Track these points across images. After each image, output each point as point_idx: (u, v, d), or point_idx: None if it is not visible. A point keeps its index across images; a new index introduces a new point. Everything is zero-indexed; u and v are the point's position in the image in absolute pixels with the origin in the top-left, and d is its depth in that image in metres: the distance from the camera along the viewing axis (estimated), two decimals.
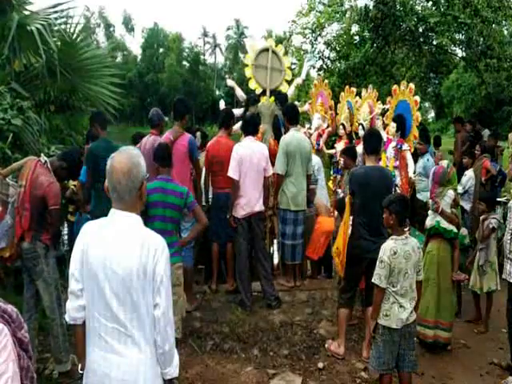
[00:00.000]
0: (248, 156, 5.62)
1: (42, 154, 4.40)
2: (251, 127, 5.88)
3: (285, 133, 6.89)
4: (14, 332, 1.56)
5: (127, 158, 2.27)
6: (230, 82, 8.29)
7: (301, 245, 6.24)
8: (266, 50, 7.73)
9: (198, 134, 6.90)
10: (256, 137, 6.07)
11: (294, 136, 6.12)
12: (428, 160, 7.65)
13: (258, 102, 7.41)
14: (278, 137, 6.81)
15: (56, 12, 7.17)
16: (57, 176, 4.35)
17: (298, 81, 8.38)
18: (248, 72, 7.81)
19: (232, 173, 5.61)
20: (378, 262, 3.78)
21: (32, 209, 4.16)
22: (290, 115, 6.33)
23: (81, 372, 2.44)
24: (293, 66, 14.49)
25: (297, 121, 6.41)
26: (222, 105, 8.02)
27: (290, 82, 8.11)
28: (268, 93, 7.57)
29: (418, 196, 7.63)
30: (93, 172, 5.19)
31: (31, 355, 1.66)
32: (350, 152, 6.03)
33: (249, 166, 5.61)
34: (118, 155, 2.29)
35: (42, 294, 4.29)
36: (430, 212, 5.32)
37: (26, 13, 6.91)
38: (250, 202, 5.67)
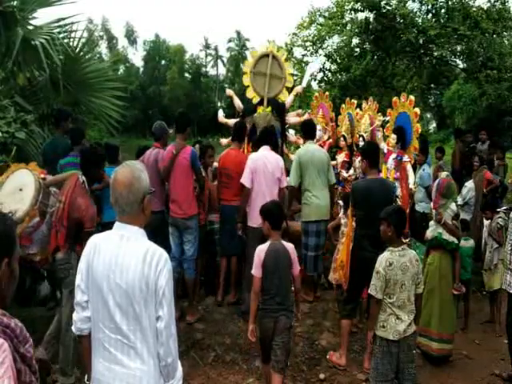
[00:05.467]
0: (262, 166, 5.62)
1: (80, 173, 4.37)
2: (267, 138, 5.91)
3: (281, 143, 6.91)
4: (16, 347, 1.56)
5: (129, 172, 2.32)
6: (229, 91, 8.31)
7: (321, 255, 6.21)
8: (267, 55, 7.64)
9: (197, 146, 6.93)
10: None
11: (308, 148, 6.17)
12: (424, 170, 7.70)
13: (254, 112, 7.38)
14: (274, 147, 6.79)
15: (60, 26, 7.27)
16: None
17: (298, 89, 8.29)
18: (246, 80, 7.74)
19: (244, 180, 5.62)
20: (374, 273, 3.80)
21: (69, 228, 4.25)
22: (306, 129, 6.40)
23: (87, 383, 2.47)
24: (294, 78, 14.58)
25: (312, 135, 6.47)
26: (220, 114, 8.03)
27: (291, 90, 8.06)
28: (265, 102, 7.50)
29: (416, 207, 7.68)
30: None
31: (35, 370, 1.65)
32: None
33: (263, 175, 5.60)
34: (120, 169, 2.36)
35: (65, 303, 4.34)
36: (431, 223, 5.35)
37: (30, 27, 6.99)
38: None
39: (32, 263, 4.47)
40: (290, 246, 3.97)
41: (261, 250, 3.89)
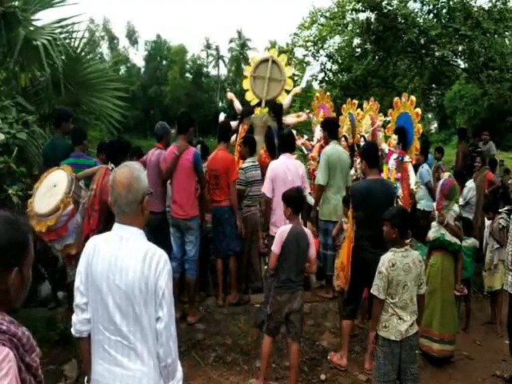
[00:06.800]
0: (282, 174, 5.48)
1: (109, 162, 4.70)
2: (288, 144, 5.79)
3: (278, 144, 6.93)
4: (22, 357, 1.53)
5: (128, 173, 2.32)
6: (229, 95, 8.36)
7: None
8: (267, 60, 7.75)
9: (199, 146, 6.91)
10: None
11: (335, 148, 6.17)
12: (422, 167, 7.73)
13: (252, 114, 7.43)
14: (270, 148, 6.77)
15: (61, 27, 7.25)
16: None
17: (297, 90, 8.31)
18: (245, 83, 7.84)
19: (265, 189, 5.57)
20: (376, 273, 3.80)
21: (100, 211, 4.49)
22: (330, 129, 6.40)
23: None
24: (295, 78, 14.60)
25: (336, 135, 6.47)
26: (221, 117, 8.04)
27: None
28: (263, 103, 7.55)
29: (418, 205, 7.68)
30: None
31: (41, 380, 1.63)
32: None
33: (282, 183, 5.38)
34: (119, 170, 2.37)
35: None
36: (434, 224, 5.33)
37: (32, 28, 6.98)
38: (280, 220, 5.32)
39: (69, 259, 4.65)
40: (308, 231, 4.36)
41: (283, 231, 4.22)
